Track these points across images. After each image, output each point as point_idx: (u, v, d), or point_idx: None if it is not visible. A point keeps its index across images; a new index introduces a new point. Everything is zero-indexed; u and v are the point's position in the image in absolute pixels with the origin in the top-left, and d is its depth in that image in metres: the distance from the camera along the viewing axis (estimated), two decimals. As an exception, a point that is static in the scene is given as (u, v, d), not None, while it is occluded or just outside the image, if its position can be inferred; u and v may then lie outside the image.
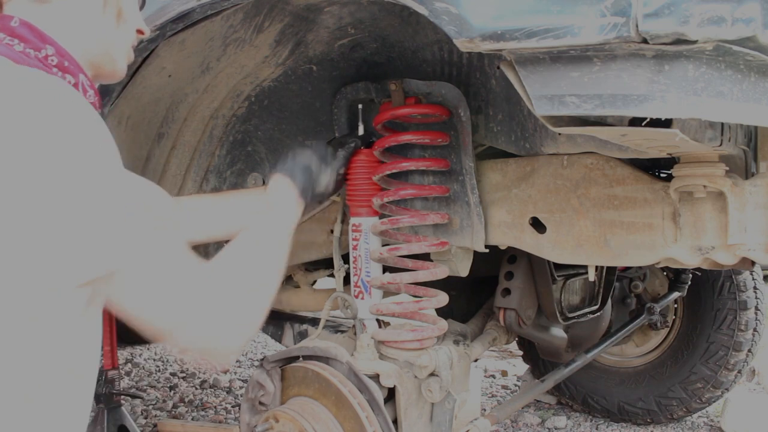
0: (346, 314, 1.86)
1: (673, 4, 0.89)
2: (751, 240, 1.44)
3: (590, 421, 3.38)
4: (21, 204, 0.80)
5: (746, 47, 0.92)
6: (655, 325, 3.10)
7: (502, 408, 2.21)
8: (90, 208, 0.84)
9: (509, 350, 4.70)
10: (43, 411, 0.93)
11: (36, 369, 0.89)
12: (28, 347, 0.86)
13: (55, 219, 0.81)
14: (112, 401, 2.88)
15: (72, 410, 1.00)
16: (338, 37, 1.66)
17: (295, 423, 1.56)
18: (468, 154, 1.68)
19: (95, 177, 0.84)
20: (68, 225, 0.82)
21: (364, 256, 1.80)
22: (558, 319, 2.24)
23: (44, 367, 0.90)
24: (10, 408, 0.88)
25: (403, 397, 1.65)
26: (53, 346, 0.89)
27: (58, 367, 0.93)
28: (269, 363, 1.71)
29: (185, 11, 1.35)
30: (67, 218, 0.82)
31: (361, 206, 1.80)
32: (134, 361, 4.71)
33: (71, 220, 0.82)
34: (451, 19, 1.06)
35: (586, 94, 1.01)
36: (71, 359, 0.94)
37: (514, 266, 2.12)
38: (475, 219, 1.73)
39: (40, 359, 0.88)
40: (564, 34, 0.97)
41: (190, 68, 1.60)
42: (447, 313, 2.09)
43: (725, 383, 3.07)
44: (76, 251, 0.83)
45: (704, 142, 1.21)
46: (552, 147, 1.59)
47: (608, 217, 1.62)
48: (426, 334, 1.70)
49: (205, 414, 3.66)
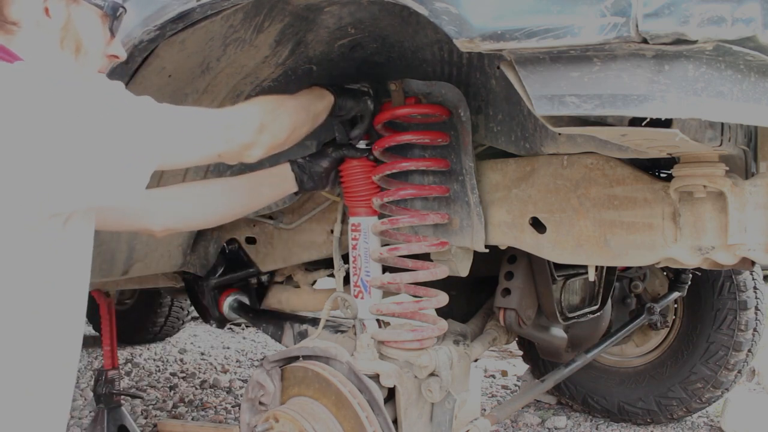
0: (346, 314, 1.86)
1: (673, 4, 0.89)
2: (751, 240, 1.44)
3: (590, 421, 3.38)
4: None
5: (746, 47, 0.92)
6: (655, 325, 3.10)
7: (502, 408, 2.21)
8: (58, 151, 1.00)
9: (509, 350, 4.70)
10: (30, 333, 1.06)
11: (17, 280, 1.03)
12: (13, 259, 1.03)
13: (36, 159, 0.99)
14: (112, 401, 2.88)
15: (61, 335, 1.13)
16: (338, 37, 1.66)
17: (295, 423, 1.56)
18: (468, 154, 1.68)
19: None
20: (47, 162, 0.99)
21: (363, 255, 1.80)
22: (558, 319, 2.24)
23: (26, 279, 1.04)
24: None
25: (403, 397, 1.65)
26: (32, 259, 1.05)
27: (41, 281, 1.06)
28: (269, 363, 1.71)
29: (185, 11, 1.35)
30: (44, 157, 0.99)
31: (359, 206, 1.80)
32: (134, 361, 4.71)
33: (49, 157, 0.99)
34: (451, 19, 1.06)
35: (586, 94, 1.01)
36: (53, 272, 1.08)
37: (514, 266, 2.12)
38: (475, 219, 1.73)
39: (20, 270, 1.04)
40: (564, 34, 0.97)
41: (190, 68, 1.60)
42: (447, 313, 2.08)
43: (725, 383, 3.07)
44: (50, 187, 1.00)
45: (704, 142, 1.21)
46: (552, 147, 1.59)
47: (608, 217, 1.62)
48: (426, 334, 1.70)
49: (205, 414, 3.66)
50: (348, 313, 1.84)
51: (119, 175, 1.07)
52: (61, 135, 0.99)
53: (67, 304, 1.15)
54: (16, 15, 1.15)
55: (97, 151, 1.03)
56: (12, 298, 1.03)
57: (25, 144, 0.98)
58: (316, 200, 2.14)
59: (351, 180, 1.81)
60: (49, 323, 1.10)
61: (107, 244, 1.92)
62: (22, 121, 0.98)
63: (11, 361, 1.05)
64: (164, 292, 4.17)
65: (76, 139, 1.01)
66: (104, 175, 1.05)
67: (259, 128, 1.37)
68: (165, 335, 5.20)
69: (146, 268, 2.11)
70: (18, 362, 1.06)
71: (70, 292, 1.15)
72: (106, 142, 1.04)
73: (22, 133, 0.98)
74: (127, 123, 1.07)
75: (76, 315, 1.18)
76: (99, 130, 1.03)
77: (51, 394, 1.13)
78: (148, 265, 2.11)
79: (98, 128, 1.03)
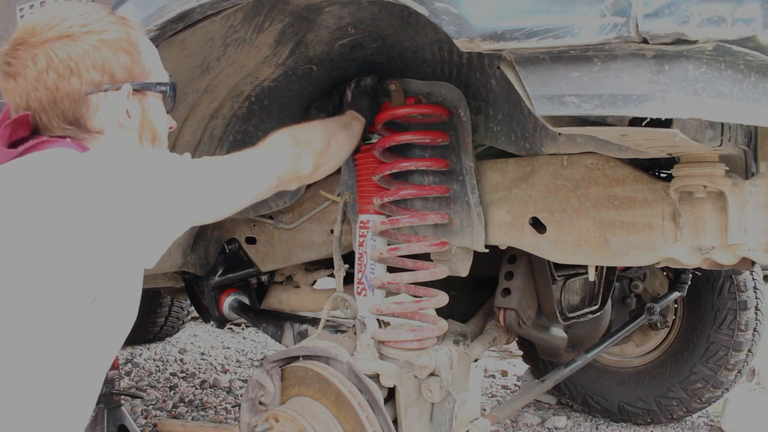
0: (346, 314, 1.87)
1: (673, 4, 0.89)
2: (751, 240, 1.44)
3: (590, 421, 3.38)
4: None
5: (746, 47, 0.92)
6: (655, 325, 3.10)
7: (502, 408, 2.21)
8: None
9: (509, 350, 4.70)
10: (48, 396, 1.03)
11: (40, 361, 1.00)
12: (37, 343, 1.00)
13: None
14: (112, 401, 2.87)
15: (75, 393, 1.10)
16: (338, 37, 1.66)
17: (295, 423, 1.56)
18: (468, 154, 1.68)
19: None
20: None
21: (370, 253, 1.80)
22: (558, 319, 2.24)
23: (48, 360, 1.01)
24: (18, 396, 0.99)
25: (403, 397, 1.65)
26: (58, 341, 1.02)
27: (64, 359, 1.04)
28: (269, 363, 1.71)
29: (185, 11, 1.35)
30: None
31: (369, 203, 1.80)
32: (134, 361, 4.71)
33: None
34: (451, 19, 1.06)
35: (586, 94, 1.01)
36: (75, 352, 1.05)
37: (514, 266, 2.12)
38: (475, 219, 1.73)
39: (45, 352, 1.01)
40: (564, 34, 0.97)
41: (190, 68, 1.60)
42: (447, 313, 2.09)
43: (725, 383, 3.07)
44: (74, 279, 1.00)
45: (704, 142, 1.21)
46: (552, 147, 1.59)
47: (608, 217, 1.62)
48: (426, 334, 1.70)
49: (205, 414, 3.65)
50: (348, 313, 1.84)
51: (142, 252, 1.07)
52: (87, 220, 1.00)
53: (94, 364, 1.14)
54: (99, 124, 1.18)
55: (123, 233, 1.02)
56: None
57: (57, 230, 0.98)
58: (316, 200, 2.14)
59: (364, 176, 1.81)
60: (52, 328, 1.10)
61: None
62: (60, 207, 0.99)
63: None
64: (164, 292, 4.17)
65: (102, 221, 1.00)
66: (129, 254, 1.04)
67: (311, 173, 1.45)
68: (165, 335, 5.20)
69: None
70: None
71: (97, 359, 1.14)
72: (133, 220, 1.03)
73: (57, 219, 0.99)
74: (156, 198, 1.07)
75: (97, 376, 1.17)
76: (128, 211, 1.03)
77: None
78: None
79: (127, 209, 1.03)
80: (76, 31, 1.14)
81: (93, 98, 1.16)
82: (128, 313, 1.17)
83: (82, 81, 1.14)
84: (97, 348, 1.11)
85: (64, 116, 1.15)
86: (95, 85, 1.16)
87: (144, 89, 1.23)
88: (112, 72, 1.17)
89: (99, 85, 1.16)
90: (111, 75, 1.17)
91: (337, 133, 1.56)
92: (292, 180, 1.42)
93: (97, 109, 1.17)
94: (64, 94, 1.14)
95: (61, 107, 1.14)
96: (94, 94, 1.16)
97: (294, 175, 1.42)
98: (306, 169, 1.43)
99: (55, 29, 1.14)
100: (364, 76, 1.79)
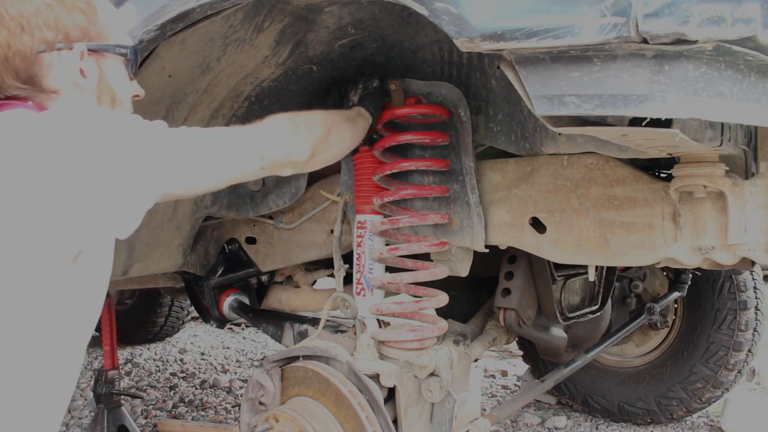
0: (346, 314, 1.87)
1: (673, 4, 0.89)
2: (751, 240, 1.44)
3: (590, 421, 3.38)
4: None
5: (746, 47, 0.92)
6: (655, 325, 3.10)
7: (502, 408, 2.21)
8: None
9: (509, 350, 4.70)
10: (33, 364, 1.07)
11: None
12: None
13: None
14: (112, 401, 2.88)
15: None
16: (338, 37, 1.66)
17: (295, 423, 1.56)
18: (468, 154, 1.68)
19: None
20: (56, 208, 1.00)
21: (368, 252, 1.80)
22: (558, 319, 2.24)
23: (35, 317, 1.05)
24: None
25: (403, 397, 1.65)
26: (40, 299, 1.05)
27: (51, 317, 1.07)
28: (269, 363, 1.71)
29: (185, 11, 1.34)
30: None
31: (366, 203, 1.80)
32: (134, 361, 4.71)
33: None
34: (451, 19, 1.06)
35: (586, 94, 1.01)
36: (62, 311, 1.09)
37: (514, 266, 2.12)
38: (475, 219, 1.73)
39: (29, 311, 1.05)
40: (564, 34, 0.97)
41: (190, 68, 1.60)
42: (447, 313, 2.09)
43: (725, 383, 3.07)
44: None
45: (704, 142, 1.21)
46: (552, 147, 1.59)
47: (608, 217, 1.62)
48: (426, 334, 1.70)
49: (205, 414, 3.66)
50: (348, 313, 1.84)
51: (111, 215, 1.06)
52: (52, 180, 0.99)
53: (77, 329, 1.16)
54: (54, 83, 1.17)
55: (87, 194, 1.01)
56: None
57: (21, 190, 0.99)
58: (316, 200, 2.14)
59: (362, 176, 1.81)
60: (55, 360, 1.13)
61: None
62: (22, 168, 0.99)
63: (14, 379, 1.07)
64: (164, 292, 4.17)
65: (66, 183, 1.00)
66: (95, 217, 1.03)
67: (307, 159, 1.41)
68: (165, 335, 5.20)
69: (146, 268, 2.11)
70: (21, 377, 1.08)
71: (80, 323, 1.16)
72: (98, 183, 1.02)
73: (19, 179, 0.99)
74: (123, 161, 1.05)
75: (80, 344, 1.19)
76: (91, 172, 1.02)
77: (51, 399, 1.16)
78: (148, 265, 2.11)
79: (91, 171, 1.02)
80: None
81: (46, 57, 1.15)
82: (99, 285, 1.18)
83: (34, 39, 1.13)
84: (70, 319, 1.12)
85: (17, 74, 1.14)
86: (47, 44, 1.14)
87: (101, 50, 1.21)
88: (66, 31, 1.16)
89: (52, 43, 1.15)
90: (65, 34, 1.16)
91: (339, 124, 1.53)
92: (283, 164, 1.37)
93: (50, 67, 1.15)
94: (15, 51, 1.13)
95: (13, 65, 1.13)
96: (47, 53, 1.14)
97: (286, 159, 1.36)
98: (301, 154, 1.39)
99: None
100: (368, 76, 1.77)
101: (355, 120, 1.61)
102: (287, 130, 1.36)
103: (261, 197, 2.08)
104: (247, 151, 1.28)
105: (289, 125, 1.38)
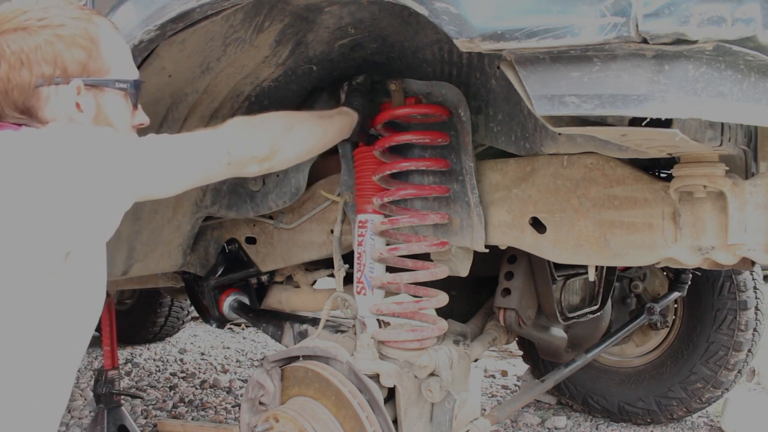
0: (346, 314, 1.87)
1: (673, 4, 0.89)
2: (751, 240, 1.44)
3: (590, 421, 3.38)
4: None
5: (746, 47, 0.92)
6: (655, 325, 3.10)
7: (502, 408, 2.21)
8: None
9: (509, 350, 4.70)
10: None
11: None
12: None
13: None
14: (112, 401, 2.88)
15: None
16: (338, 37, 1.66)
17: (295, 423, 1.56)
18: (468, 154, 1.68)
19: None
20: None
21: (368, 252, 1.80)
22: (558, 319, 2.24)
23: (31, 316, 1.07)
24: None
25: (403, 397, 1.65)
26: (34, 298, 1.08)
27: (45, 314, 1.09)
28: (269, 363, 1.71)
29: (185, 11, 1.35)
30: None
31: (367, 203, 1.80)
32: (134, 361, 4.71)
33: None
34: (451, 19, 1.06)
35: (586, 94, 1.01)
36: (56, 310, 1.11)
37: (514, 266, 2.12)
38: (475, 219, 1.73)
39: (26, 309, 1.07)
40: (564, 34, 0.97)
41: (190, 68, 1.60)
42: (447, 313, 2.09)
43: (725, 383, 3.07)
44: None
45: (704, 142, 1.21)
46: (552, 147, 1.59)
47: (608, 217, 1.62)
48: (426, 334, 1.70)
49: (205, 414, 3.66)
50: (348, 313, 1.84)
51: (91, 217, 1.08)
52: (36, 188, 1.03)
53: (74, 330, 1.18)
54: (50, 115, 1.20)
55: (69, 199, 1.04)
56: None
57: (7, 199, 1.02)
58: (316, 200, 2.14)
59: (362, 176, 1.81)
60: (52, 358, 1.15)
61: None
62: (7, 178, 1.03)
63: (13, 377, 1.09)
64: (164, 292, 4.17)
65: (50, 190, 1.03)
66: (77, 219, 1.06)
67: (268, 155, 1.40)
68: (165, 335, 5.20)
69: (146, 268, 2.11)
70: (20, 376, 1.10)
71: (77, 321, 1.18)
72: (78, 188, 1.05)
73: (6, 189, 1.03)
74: (100, 168, 1.09)
75: (78, 346, 1.21)
76: (72, 179, 1.05)
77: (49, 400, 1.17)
78: (148, 265, 2.11)
79: (72, 178, 1.05)
80: (32, 24, 1.18)
81: (44, 90, 1.19)
82: (94, 288, 1.20)
83: (32, 73, 1.18)
84: (64, 322, 1.14)
85: (15, 106, 1.19)
86: (45, 78, 1.19)
87: (100, 85, 1.24)
88: (64, 66, 1.20)
89: (50, 78, 1.19)
90: (63, 69, 1.20)
91: (306, 120, 1.53)
92: (247, 161, 1.37)
93: (47, 100, 1.20)
94: (14, 85, 1.18)
95: (12, 97, 1.18)
96: (45, 87, 1.19)
97: (249, 155, 1.37)
98: (260, 150, 1.39)
99: (12, 21, 1.17)
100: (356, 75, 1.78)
101: (331, 117, 1.62)
102: (243, 128, 1.39)
103: (261, 197, 2.08)
104: (212, 150, 1.31)
105: (244, 124, 1.41)
